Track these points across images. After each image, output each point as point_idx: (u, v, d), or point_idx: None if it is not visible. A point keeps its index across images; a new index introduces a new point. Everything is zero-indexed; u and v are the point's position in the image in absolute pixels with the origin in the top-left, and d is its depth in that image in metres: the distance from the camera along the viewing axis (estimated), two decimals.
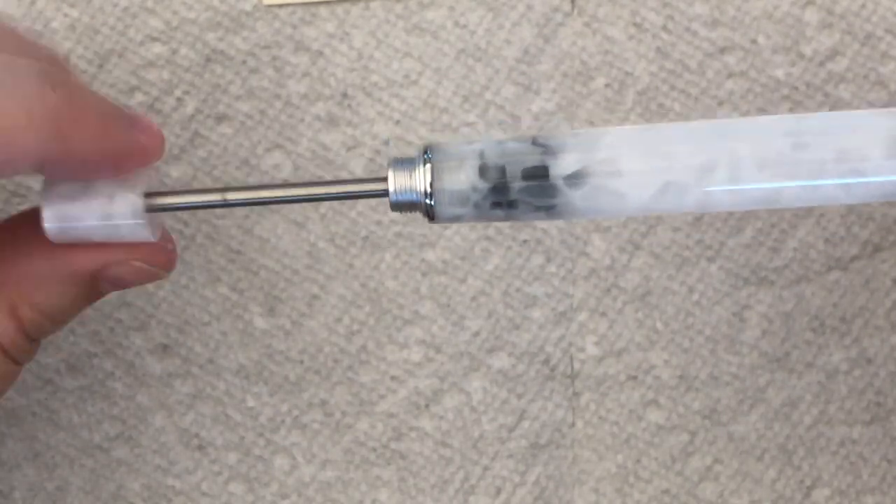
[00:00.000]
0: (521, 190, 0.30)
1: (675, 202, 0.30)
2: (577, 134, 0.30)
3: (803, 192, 0.30)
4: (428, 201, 0.30)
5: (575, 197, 0.30)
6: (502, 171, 0.30)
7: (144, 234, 0.31)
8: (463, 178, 0.30)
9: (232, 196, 0.31)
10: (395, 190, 0.30)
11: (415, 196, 0.30)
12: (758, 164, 0.29)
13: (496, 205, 0.30)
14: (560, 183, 0.30)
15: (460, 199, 0.30)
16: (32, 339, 0.31)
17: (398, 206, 0.30)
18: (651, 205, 0.30)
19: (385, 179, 0.30)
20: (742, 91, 0.38)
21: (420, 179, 0.30)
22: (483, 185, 0.30)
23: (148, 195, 0.31)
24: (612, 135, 0.30)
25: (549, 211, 0.30)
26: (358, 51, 0.38)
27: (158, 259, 0.32)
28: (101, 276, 0.31)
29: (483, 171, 0.30)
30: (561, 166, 0.30)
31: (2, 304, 0.31)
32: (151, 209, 0.31)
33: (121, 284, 0.32)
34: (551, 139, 0.30)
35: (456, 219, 0.31)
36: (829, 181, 0.30)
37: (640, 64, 0.38)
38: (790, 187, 0.30)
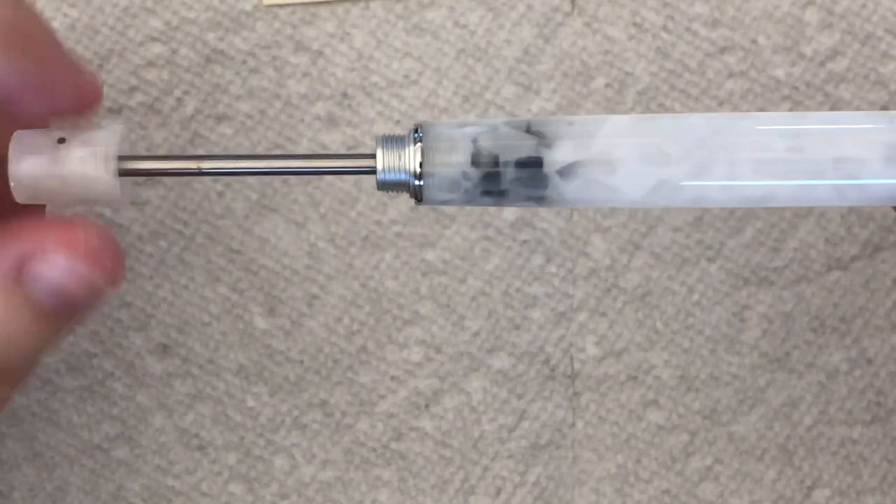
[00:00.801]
0: (513, 179, 0.29)
1: (669, 198, 0.30)
2: (573, 123, 0.30)
3: (798, 193, 0.30)
4: (417, 182, 0.29)
5: (567, 189, 0.29)
6: (495, 158, 0.29)
7: (116, 194, 0.30)
8: (454, 163, 0.29)
9: (207, 165, 0.30)
10: (384, 168, 0.29)
11: (403, 176, 0.29)
12: (753, 164, 0.29)
13: (486, 192, 0.29)
14: (553, 174, 0.29)
15: (450, 185, 0.29)
16: None
17: (385, 186, 0.30)
18: (644, 200, 0.29)
19: (373, 156, 0.29)
20: (742, 91, 0.38)
21: (410, 160, 0.29)
22: (475, 173, 0.29)
23: (122, 158, 0.30)
24: (609, 126, 0.29)
25: (540, 200, 0.30)
26: (358, 51, 0.38)
27: (96, 259, 0.28)
28: (28, 275, 0.28)
29: (475, 157, 0.29)
30: (555, 158, 0.29)
31: None
32: (125, 173, 0.30)
33: (55, 292, 0.28)
34: (547, 127, 0.29)
35: (444, 203, 0.30)
36: (825, 182, 0.29)
37: (640, 64, 0.38)
38: (785, 188, 0.29)
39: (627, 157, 0.29)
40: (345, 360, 0.39)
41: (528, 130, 0.30)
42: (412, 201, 0.30)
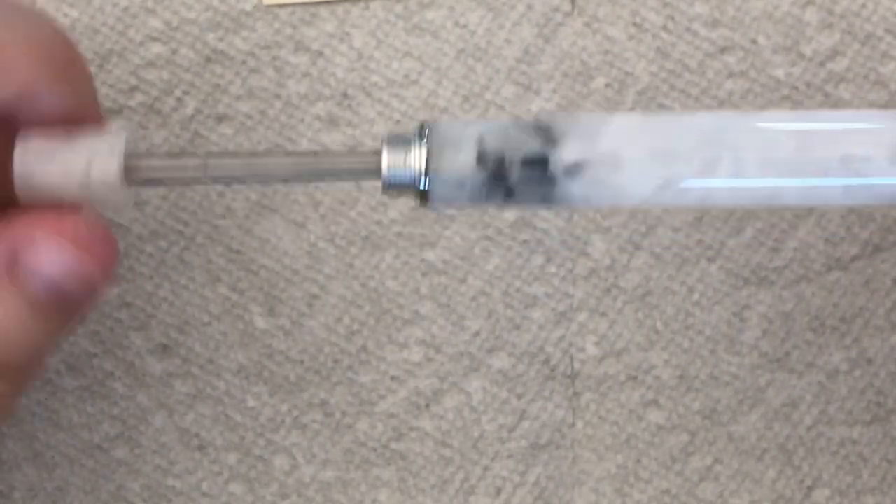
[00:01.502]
0: (519, 179, 0.29)
1: (676, 198, 0.29)
2: (580, 120, 0.29)
3: (805, 192, 0.30)
4: (423, 181, 0.29)
5: (573, 187, 0.29)
6: (501, 157, 0.29)
7: (121, 197, 0.30)
8: (460, 163, 0.29)
9: (212, 162, 0.30)
10: (389, 168, 0.29)
11: (409, 176, 0.29)
12: (760, 162, 0.29)
13: (493, 192, 0.29)
14: (559, 173, 0.29)
15: (457, 184, 0.29)
16: None
17: (390, 186, 0.29)
18: (651, 199, 0.29)
19: (378, 153, 0.29)
20: (742, 91, 0.38)
21: (415, 159, 0.29)
22: (481, 172, 0.29)
23: (129, 156, 0.30)
24: (615, 124, 0.29)
25: (547, 200, 0.29)
26: (358, 51, 0.38)
27: (87, 249, 0.28)
28: (20, 267, 0.28)
29: (481, 156, 0.29)
30: (561, 156, 0.29)
31: None
32: (131, 173, 0.30)
33: (50, 283, 0.27)
34: (553, 124, 0.29)
35: (450, 204, 0.30)
36: (832, 182, 0.29)
37: (640, 64, 0.38)
38: (792, 187, 0.29)
39: (634, 155, 0.29)
40: (345, 360, 0.39)
41: (535, 129, 0.29)
42: (414, 202, 0.30)
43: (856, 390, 0.39)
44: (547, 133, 0.29)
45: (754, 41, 0.38)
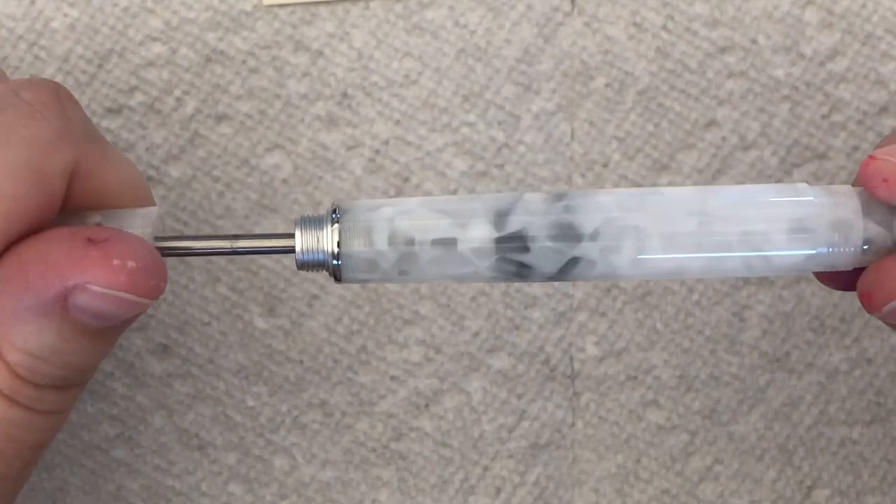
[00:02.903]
0: (429, 260, 0.30)
1: (581, 274, 0.30)
2: (487, 202, 0.30)
3: (708, 266, 0.30)
4: (335, 262, 0.30)
5: (482, 266, 0.30)
6: (411, 239, 0.30)
7: None
8: (371, 245, 0.30)
9: (242, 244, 0.30)
10: (302, 250, 0.30)
11: (321, 257, 0.30)
12: (663, 240, 0.30)
13: (404, 272, 0.30)
14: (468, 253, 0.30)
15: (368, 266, 0.30)
16: (36, 383, 0.29)
17: (304, 266, 0.30)
18: (558, 276, 0.30)
19: (292, 237, 0.30)
20: (742, 91, 0.38)
21: (327, 241, 0.30)
22: (391, 254, 0.30)
23: (158, 239, 0.30)
24: (521, 204, 0.30)
25: (457, 279, 0.30)
26: (358, 51, 0.38)
27: (136, 284, 0.28)
28: (71, 306, 0.28)
29: (392, 238, 0.30)
30: (470, 236, 0.30)
31: None
32: (162, 253, 0.30)
33: (100, 315, 0.28)
34: (461, 206, 0.30)
35: (363, 282, 0.31)
36: (734, 255, 0.30)
37: (640, 64, 0.38)
38: (695, 262, 0.30)
39: (539, 235, 0.30)
40: (345, 360, 0.39)
41: (443, 211, 0.30)
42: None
43: (856, 390, 0.39)
44: (455, 215, 0.30)
45: (754, 41, 0.38)
